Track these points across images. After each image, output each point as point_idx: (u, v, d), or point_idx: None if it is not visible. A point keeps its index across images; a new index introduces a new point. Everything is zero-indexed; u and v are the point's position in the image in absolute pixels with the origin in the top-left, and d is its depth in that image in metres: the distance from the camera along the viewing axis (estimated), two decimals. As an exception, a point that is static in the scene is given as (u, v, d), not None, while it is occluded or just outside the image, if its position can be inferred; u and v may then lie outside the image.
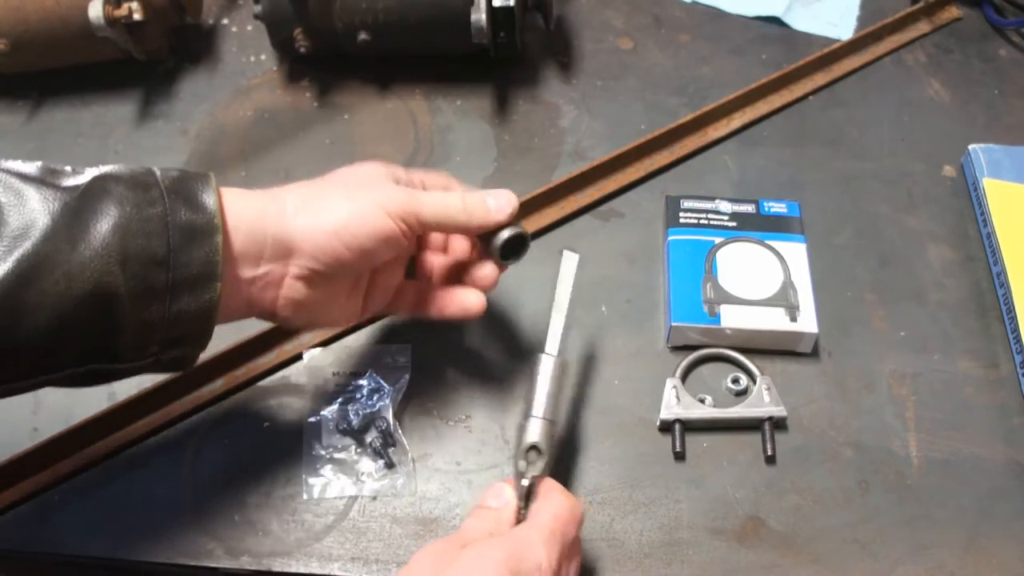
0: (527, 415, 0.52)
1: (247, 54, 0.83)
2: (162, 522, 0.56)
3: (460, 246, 0.59)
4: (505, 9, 0.70)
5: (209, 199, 0.46)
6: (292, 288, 0.50)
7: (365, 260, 0.51)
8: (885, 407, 0.62)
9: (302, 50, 0.75)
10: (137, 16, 0.71)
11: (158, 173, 0.47)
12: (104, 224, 0.43)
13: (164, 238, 0.44)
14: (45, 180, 0.44)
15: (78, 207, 0.43)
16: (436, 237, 0.59)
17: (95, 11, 0.69)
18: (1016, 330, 0.63)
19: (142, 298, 0.44)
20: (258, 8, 0.74)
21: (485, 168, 0.74)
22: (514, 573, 0.44)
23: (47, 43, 0.73)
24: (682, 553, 0.56)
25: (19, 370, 0.44)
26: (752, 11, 0.86)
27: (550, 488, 0.50)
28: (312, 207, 0.49)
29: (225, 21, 0.86)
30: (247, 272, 0.49)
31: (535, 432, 0.51)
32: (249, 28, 0.85)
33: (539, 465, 0.51)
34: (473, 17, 0.69)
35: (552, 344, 0.54)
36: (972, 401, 0.62)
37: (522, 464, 0.51)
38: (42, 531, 0.56)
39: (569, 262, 0.55)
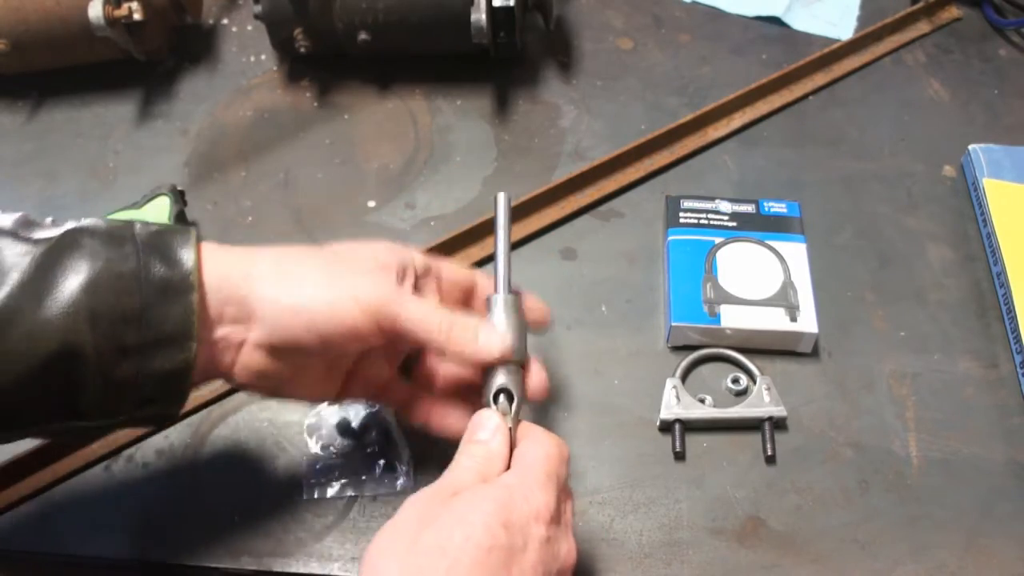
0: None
1: (247, 54, 0.83)
2: (162, 522, 0.56)
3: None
4: (505, 9, 0.70)
5: (186, 255, 0.44)
6: (251, 356, 0.47)
7: (326, 348, 0.47)
8: (885, 407, 0.62)
9: (302, 50, 0.75)
10: (137, 16, 0.72)
11: (136, 226, 0.45)
12: (73, 280, 0.41)
13: (136, 295, 0.42)
14: (18, 233, 0.43)
15: (47, 262, 0.42)
16: None
17: (95, 11, 0.69)
18: (1016, 330, 0.63)
19: (112, 356, 0.42)
20: (258, 8, 0.74)
21: (485, 168, 0.74)
22: (506, 525, 0.41)
23: (47, 43, 0.74)
24: (682, 553, 0.56)
25: None
26: (752, 11, 0.86)
27: (530, 429, 0.47)
28: (282, 278, 0.46)
29: (225, 21, 0.86)
30: (210, 333, 0.46)
31: (502, 374, 0.48)
32: (249, 28, 0.85)
33: (513, 410, 0.47)
34: (473, 17, 0.70)
35: (501, 284, 0.51)
36: (972, 401, 0.62)
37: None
38: (42, 531, 0.56)
39: (502, 202, 0.52)
